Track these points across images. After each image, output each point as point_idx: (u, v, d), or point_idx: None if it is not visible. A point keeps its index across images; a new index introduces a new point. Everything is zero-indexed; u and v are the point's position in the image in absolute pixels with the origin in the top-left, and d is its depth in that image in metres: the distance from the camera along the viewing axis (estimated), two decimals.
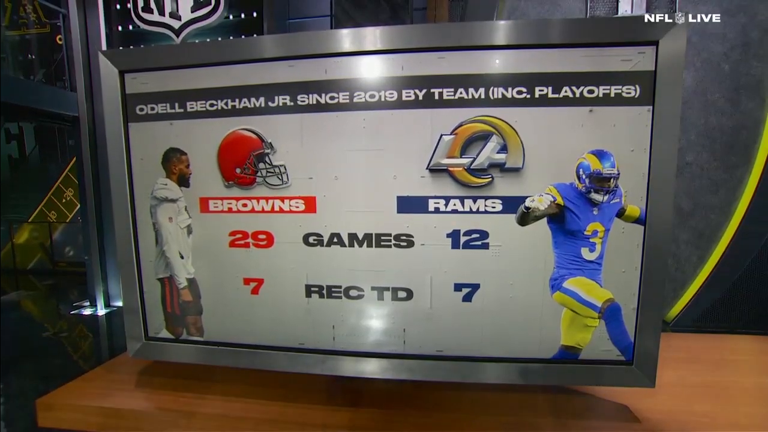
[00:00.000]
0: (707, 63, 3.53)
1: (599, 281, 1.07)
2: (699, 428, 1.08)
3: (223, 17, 4.19)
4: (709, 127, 3.58)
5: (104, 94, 1.28)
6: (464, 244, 1.09)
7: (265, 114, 1.14)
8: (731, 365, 1.48)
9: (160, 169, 1.25)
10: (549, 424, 1.11)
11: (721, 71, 3.52)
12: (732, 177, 3.57)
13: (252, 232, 1.20)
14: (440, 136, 1.05)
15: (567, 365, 1.12)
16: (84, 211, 4.73)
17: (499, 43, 0.99)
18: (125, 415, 1.27)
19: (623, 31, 0.97)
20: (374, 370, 1.18)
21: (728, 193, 3.60)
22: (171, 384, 1.36)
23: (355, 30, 1.06)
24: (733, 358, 1.54)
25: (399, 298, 1.14)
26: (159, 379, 1.40)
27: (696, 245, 3.70)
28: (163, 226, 1.27)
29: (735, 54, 3.46)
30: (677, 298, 3.76)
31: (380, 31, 1.04)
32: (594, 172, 1.01)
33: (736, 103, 3.50)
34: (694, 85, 3.56)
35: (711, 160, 3.59)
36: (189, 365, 1.42)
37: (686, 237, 3.72)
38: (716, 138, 3.57)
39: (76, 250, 6.57)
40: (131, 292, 1.33)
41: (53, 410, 1.31)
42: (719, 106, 3.54)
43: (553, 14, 3.49)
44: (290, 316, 1.21)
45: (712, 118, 3.56)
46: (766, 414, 1.15)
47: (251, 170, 1.16)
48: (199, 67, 1.19)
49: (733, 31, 3.43)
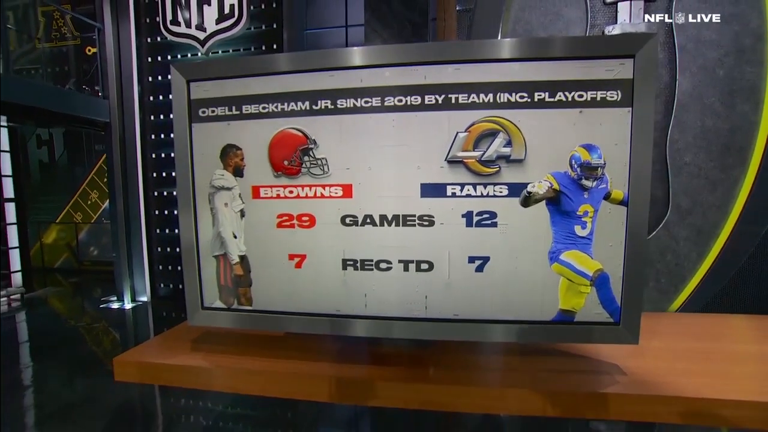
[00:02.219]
0: (703, 69, 3.72)
1: (590, 254, 1.28)
2: (676, 377, 1.27)
3: (246, 29, 4.48)
4: (706, 129, 3.76)
5: (174, 99, 1.51)
6: (476, 223, 1.31)
7: (309, 115, 1.37)
8: (717, 336, 1.67)
9: (218, 162, 1.49)
10: (551, 377, 1.32)
11: (716, 76, 3.71)
12: (728, 176, 3.74)
13: (297, 214, 1.42)
14: (456, 134, 1.27)
15: (564, 326, 1.32)
16: (113, 211, 5.02)
17: (504, 56, 1.22)
18: (185, 370, 1.50)
19: (607, 47, 1.19)
20: (401, 332, 1.39)
21: (725, 192, 3.77)
22: (222, 347, 1.60)
23: (386, 46, 1.29)
24: (721, 331, 1.73)
25: (422, 269, 1.36)
26: (212, 343, 1.64)
27: (695, 242, 3.86)
28: (220, 211, 1.51)
29: (729, 60, 3.65)
30: (678, 292, 3.92)
31: (406, 48, 1.27)
32: (584, 163, 1.23)
33: (731, 106, 3.68)
34: (690, 89, 3.75)
35: (707, 160, 3.77)
36: (239, 331, 1.66)
37: (685, 234, 3.89)
38: (712, 139, 3.75)
39: (99, 250, 6.88)
40: (191, 268, 1.56)
41: (126, 367, 1.54)
42: (715, 109, 3.73)
43: (555, 23, 3.72)
44: (328, 287, 1.43)
45: (709, 120, 3.74)
46: (732, 369, 1.35)
47: (297, 162, 1.39)
48: (252, 76, 1.43)
49: (727, 38, 3.62)
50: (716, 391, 1.19)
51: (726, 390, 1.19)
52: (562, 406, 1.26)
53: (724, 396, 1.17)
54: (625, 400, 1.21)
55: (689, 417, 1.17)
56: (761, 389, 1.19)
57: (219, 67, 1.47)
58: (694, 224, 3.87)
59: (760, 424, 1.12)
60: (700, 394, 1.18)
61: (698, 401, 1.17)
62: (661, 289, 3.98)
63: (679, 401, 1.18)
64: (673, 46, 3.75)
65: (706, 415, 1.16)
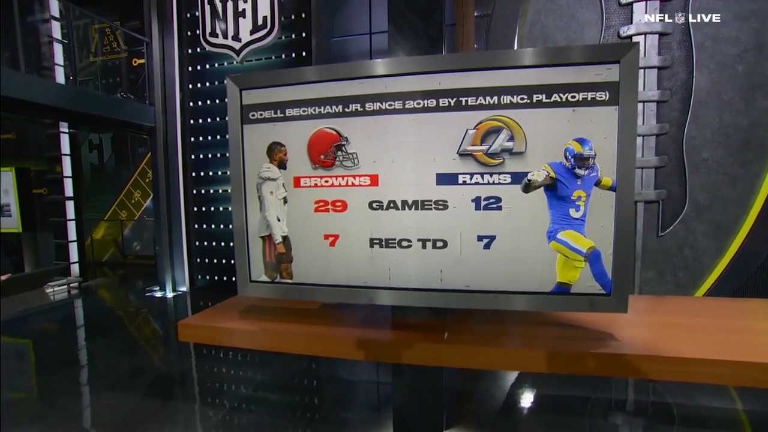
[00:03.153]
0: (721, 65, 3.77)
1: (584, 233, 1.48)
2: (661, 343, 1.45)
3: (277, 38, 4.82)
4: (725, 124, 3.80)
5: (228, 105, 1.80)
6: (484, 206, 1.53)
7: (342, 117, 1.63)
8: (707, 314, 1.81)
9: (265, 157, 1.77)
10: (552, 342, 1.52)
11: (736, 72, 3.75)
12: (748, 171, 3.77)
13: (331, 200, 1.69)
14: (466, 130, 1.50)
15: (561, 296, 1.52)
16: (157, 208, 5.47)
17: (507, 65, 1.44)
18: (237, 332, 1.78)
19: (597, 55, 1.39)
20: (419, 301, 1.63)
21: (745, 187, 3.79)
22: (266, 316, 1.88)
23: (407, 58, 1.53)
24: (717, 312, 1.87)
25: (437, 247, 1.59)
26: (258, 313, 1.92)
27: (714, 237, 3.90)
28: (266, 198, 1.79)
29: (749, 56, 3.69)
30: (696, 287, 3.96)
31: (424, 59, 1.51)
32: (577, 154, 1.43)
33: (751, 102, 3.71)
34: (708, 86, 3.81)
35: (726, 155, 3.81)
36: (280, 304, 1.94)
37: (704, 229, 3.93)
38: (731, 135, 3.79)
39: (141, 245, 7.43)
40: (241, 247, 1.85)
41: (188, 329, 1.85)
42: (734, 105, 3.77)
43: (570, 26, 3.86)
44: (357, 262, 1.69)
45: (728, 116, 3.79)
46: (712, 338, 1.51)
47: (332, 156, 1.66)
48: (294, 85, 1.70)
49: (746, 34, 3.66)
50: (694, 353, 1.36)
51: (703, 352, 1.36)
52: (558, 364, 1.46)
53: (701, 356, 1.34)
54: (611, 359, 1.40)
55: (668, 374, 1.35)
56: (733, 352, 1.36)
57: (266, 77, 1.76)
58: (712, 219, 3.91)
59: (728, 380, 1.29)
60: (680, 354, 1.35)
61: (677, 360, 1.35)
62: (678, 283, 4.03)
63: (660, 360, 1.36)
64: (689, 44, 3.81)
65: (684, 372, 1.33)
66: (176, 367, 3.41)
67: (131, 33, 5.37)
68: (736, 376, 1.29)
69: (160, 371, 3.32)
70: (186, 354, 3.67)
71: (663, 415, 2.47)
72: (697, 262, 4.01)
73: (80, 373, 3.20)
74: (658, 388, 2.74)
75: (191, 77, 5.21)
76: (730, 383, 1.30)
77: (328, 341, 1.68)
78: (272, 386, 2.97)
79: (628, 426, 2.37)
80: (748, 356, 1.30)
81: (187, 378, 3.17)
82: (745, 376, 1.28)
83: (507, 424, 2.40)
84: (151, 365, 3.46)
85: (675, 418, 2.42)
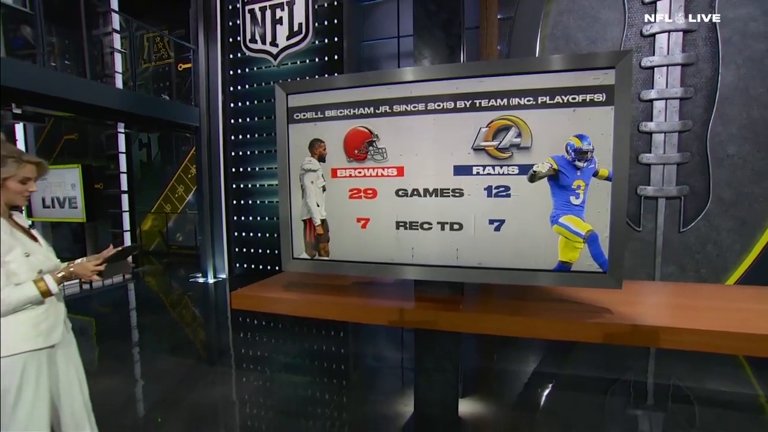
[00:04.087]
0: (749, 60, 3.78)
1: (583, 218, 1.68)
2: (651, 317, 1.64)
3: (311, 43, 5.17)
4: (752, 120, 3.81)
5: (276, 107, 2.12)
6: (495, 194, 1.76)
7: (373, 117, 1.90)
8: (701, 297, 1.97)
9: (307, 151, 2.07)
10: (555, 314, 1.74)
11: (765, 67, 3.74)
12: None
13: (363, 189, 1.97)
14: (479, 128, 1.74)
15: (563, 273, 1.74)
16: (200, 201, 5.97)
17: (516, 71, 1.67)
18: (281, 300, 2.10)
19: (595, 61, 1.60)
20: (438, 276, 1.88)
21: None
22: (306, 289, 2.19)
23: (429, 66, 1.79)
24: (706, 294, 2.02)
25: (454, 229, 1.84)
26: (298, 286, 2.24)
27: (739, 233, 3.91)
28: (308, 187, 2.09)
29: None
30: (719, 283, 3.97)
31: (443, 67, 1.76)
32: (577, 148, 1.64)
33: None
34: (735, 82, 3.82)
35: (754, 151, 3.81)
36: (318, 277, 2.24)
37: (729, 225, 3.94)
38: (759, 131, 3.79)
39: (184, 236, 8.04)
40: (286, 229, 2.16)
41: (240, 298, 2.18)
42: (762, 100, 3.76)
43: (592, 27, 3.96)
44: (385, 242, 1.96)
45: (755, 111, 3.79)
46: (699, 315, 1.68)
47: (364, 151, 1.94)
48: (331, 90, 1.99)
49: None
50: (679, 323, 1.55)
51: (687, 323, 1.55)
52: (558, 332, 1.68)
53: (685, 326, 1.53)
54: (604, 327, 1.60)
55: (655, 341, 1.54)
56: (715, 324, 1.53)
57: (308, 84, 2.06)
58: (737, 216, 3.91)
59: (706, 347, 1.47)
60: (665, 324, 1.55)
61: (664, 329, 1.54)
62: (701, 278, 4.07)
63: (648, 329, 1.55)
64: (715, 41, 3.83)
65: (668, 340, 1.52)
66: (221, 338, 3.88)
67: (179, 41, 5.88)
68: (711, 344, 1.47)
69: (206, 342, 3.81)
70: (224, 329, 4.14)
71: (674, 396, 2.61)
72: (721, 258, 4.03)
73: (143, 341, 3.69)
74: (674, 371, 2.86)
75: (232, 80, 5.65)
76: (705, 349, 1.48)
77: (359, 309, 1.96)
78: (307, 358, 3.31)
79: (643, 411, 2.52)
80: (723, 327, 1.48)
81: (228, 347, 3.62)
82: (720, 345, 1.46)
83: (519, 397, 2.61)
84: (199, 337, 3.96)
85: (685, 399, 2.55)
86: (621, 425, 2.40)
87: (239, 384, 2.97)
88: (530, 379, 2.97)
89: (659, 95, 3.93)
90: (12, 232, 1.44)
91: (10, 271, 1.38)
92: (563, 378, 2.97)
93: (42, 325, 1.44)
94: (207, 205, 5.87)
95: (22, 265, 1.41)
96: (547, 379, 2.94)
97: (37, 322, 1.43)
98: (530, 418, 2.49)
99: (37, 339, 1.43)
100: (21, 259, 1.42)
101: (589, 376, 3.02)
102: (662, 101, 3.94)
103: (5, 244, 1.39)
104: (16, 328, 1.39)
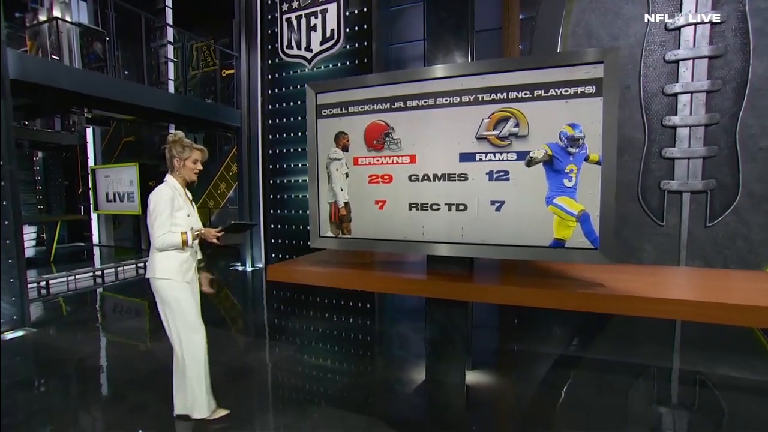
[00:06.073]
0: None
1: (575, 199, 1.86)
2: (639, 290, 1.79)
3: (343, 47, 5.51)
4: None
5: (307, 105, 2.43)
6: (496, 178, 1.98)
7: (390, 112, 2.17)
8: (693, 277, 2.07)
9: (332, 143, 2.37)
10: (553, 286, 1.93)
11: None
12: None
13: (381, 174, 2.24)
14: (482, 120, 1.96)
15: (558, 250, 1.92)
16: (241, 196, 6.47)
17: (513, 68, 1.88)
18: (310, 272, 2.41)
19: (584, 57, 1.78)
20: (446, 251, 2.12)
21: None
22: (332, 263, 2.48)
23: (438, 66, 2.03)
24: (716, 275, 2.12)
25: (459, 209, 2.07)
26: (325, 262, 2.54)
27: None
28: (333, 174, 2.39)
29: None
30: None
31: (450, 66, 2.00)
32: (569, 136, 1.82)
33: None
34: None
35: None
36: (342, 254, 2.53)
37: (759, 220, 3.86)
38: None
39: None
40: (314, 210, 2.48)
41: (274, 271, 2.51)
42: None
43: (614, 23, 4.01)
44: (400, 221, 2.22)
45: None
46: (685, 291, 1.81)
47: (382, 141, 2.21)
48: (354, 89, 2.28)
49: None
50: (664, 294, 1.70)
51: (672, 294, 1.69)
52: (553, 301, 1.86)
53: (669, 297, 1.68)
54: (594, 298, 1.77)
55: (641, 311, 1.70)
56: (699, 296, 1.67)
57: (334, 84, 2.36)
58: None
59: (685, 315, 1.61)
60: (650, 295, 1.70)
61: (649, 300, 1.69)
62: None
63: (634, 299, 1.71)
64: (746, 32, 3.77)
65: (654, 309, 1.67)
66: (259, 315, 4.32)
67: (224, 49, 6.43)
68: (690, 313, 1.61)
69: (247, 318, 4.27)
70: (260, 308, 4.58)
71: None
72: (753, 254, 3.94)
73: None
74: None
75: (270, 84, 6.11)
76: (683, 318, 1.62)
77: (378, 280, 2.23)
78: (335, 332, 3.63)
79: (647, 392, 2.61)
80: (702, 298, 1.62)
81: (264, 322, 4.03)
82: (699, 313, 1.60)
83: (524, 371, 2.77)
84: (240, 314, 4.43)
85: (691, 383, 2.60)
86: (619, 400, 2.51)
87: (272, 352, 3.33)
88: (536, 358, 3.11)
89: (684, 89, 3.92)
90: (185, 198, 2.09)
91: (175, 222, 1.99)
92: (566, 358, 3.09)
93: (183, 266, 2.04)
94: (246, 199, 6.37)
95: (182, 221, 2.02)
96: (552, 360, 3.07)
97: (181, 262, 2.02)
98: (532, 390, 2.65)
99: (178, 274, 2.01)
100: (184, 217, 2.03)
101: (591, 357, 3.11)
102: (687, 95, 3.92)
103: (179, 204, 2.01)
104: (169, 262, 1.99)
